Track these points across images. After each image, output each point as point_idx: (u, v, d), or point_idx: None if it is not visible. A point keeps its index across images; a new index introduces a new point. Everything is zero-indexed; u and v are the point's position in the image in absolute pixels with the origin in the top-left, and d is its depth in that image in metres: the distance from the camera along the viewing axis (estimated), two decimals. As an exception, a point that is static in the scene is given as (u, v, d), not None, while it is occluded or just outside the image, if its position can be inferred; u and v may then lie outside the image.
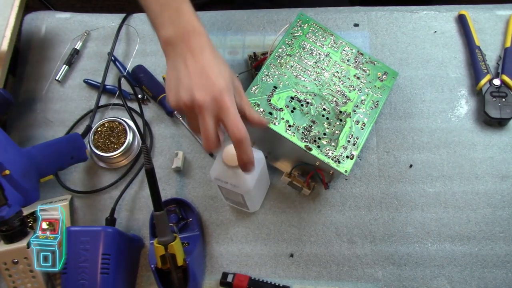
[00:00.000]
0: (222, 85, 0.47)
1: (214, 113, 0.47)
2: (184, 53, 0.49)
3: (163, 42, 0.51)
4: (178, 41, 0.49)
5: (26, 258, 0.54)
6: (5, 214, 0.52)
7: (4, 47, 0.71)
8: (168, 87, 0.50)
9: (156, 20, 0.51)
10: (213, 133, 0.47)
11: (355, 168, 0.66)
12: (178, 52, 0.49)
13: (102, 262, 0.54)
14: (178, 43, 0.49)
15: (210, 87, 0.47)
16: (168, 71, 0.50)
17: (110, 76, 0.74)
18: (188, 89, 0.47)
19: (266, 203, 0.65)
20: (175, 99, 0.48)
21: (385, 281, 0.60)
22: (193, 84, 0.47)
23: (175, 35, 0.49)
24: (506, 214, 0.63)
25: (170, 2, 0.51)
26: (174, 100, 0.49)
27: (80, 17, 0.78)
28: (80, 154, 0.64)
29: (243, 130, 0.47)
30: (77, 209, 0.66)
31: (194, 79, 0.47)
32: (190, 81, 0.47)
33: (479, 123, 0.67)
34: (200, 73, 0.48)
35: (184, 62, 0.48)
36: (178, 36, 0.49)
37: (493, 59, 0.70)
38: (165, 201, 0.63)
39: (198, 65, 0.48)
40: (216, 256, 0.63)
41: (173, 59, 0.50)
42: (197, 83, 0.47)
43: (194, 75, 0.48)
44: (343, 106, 0.61)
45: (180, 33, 0.49)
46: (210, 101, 0.46)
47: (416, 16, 0.75)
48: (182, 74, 0.48)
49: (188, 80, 0.48)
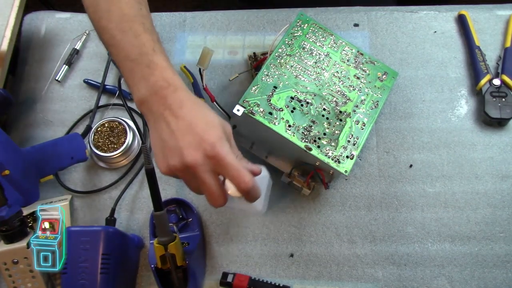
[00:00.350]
0: (212, 138, 0.44)
1: (211, 168, 0.44)
2: (162, 112, 0.45)
3: (137, 102, 0.47)
4: (153, 100, 0.45)
5: (26, 258, 0.54)
6: (5, 214, 0.52)
7: (4, 47, 0.71)
8: (155, 153, 0.46)
9: (128, 80, 0.48)
10: (217, 189, 0.44)
11: (355, 168, 0.66)
12: (156, 113, 0.45)
13: (102, 262, 0.54)
14: (153, 103, 0.45)
15: (199, 143, 0.43)
16: (151, 135, 0.47)
17: (110, 76, 0.74)
18: (176, 151, 0.43)
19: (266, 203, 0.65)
20: (165, 165, 0.45)
21: (385, 281, 0.60)
22: (180, 145, 0.43)
23: (149, 94, 0.46)
24: (506, 214, 0.63)
25: (142, 56, 0.46)
26: (164, 167, 0.45)
27: (80, 17, 0.78)
28: (80, 154, 0.64)
29: (248, 180, 0.44)
30: (77, 209, 0.66)
31: (179, 139, 0.44)
32: (176, 142, 0.44)
33: (479, 123, 0.67)
34: (185, 130, 0.44)
35: (165, 121, 0.45)
36: (152, 95, 0.45)
37: (493, 59, 0.71)
38: (165, 201, 0.63)
39: (181, 123, 0.44)
40: (216, 256, 0.63)
41: (153, 121, 0.46)
42: (184, 142, 0.43)
43: (178, 134, 0.44)
44: (343, 106, 0.61)
45: (154, 91, 0.45)
46: (203, 159, 0.43)
47: (416, 16, 0.75)
48: (166, 135, 0.44)
49: (173, 141, 0.44)
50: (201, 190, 0.46)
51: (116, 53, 0.49)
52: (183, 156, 0.43)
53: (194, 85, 0.71)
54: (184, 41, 0.76)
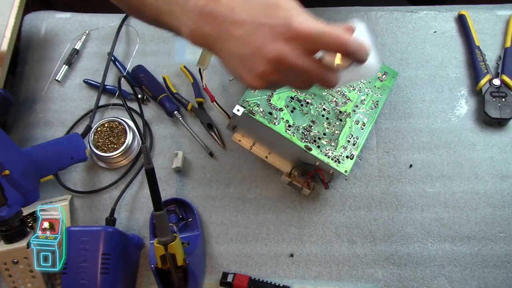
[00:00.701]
0: (280, 19, 0.38)
1: (302, 50, 0.38)
2: (218, 29, 0.40)
3: (191, 38, 0.42)
4: (203, 23, 0.41)
5: (26, 258, 0.54)
6: (5, 214, 0.52)
7: (4, 47, 0.71)
8: (240, 74, 0.41)
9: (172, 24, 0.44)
10: (319, 68, 0.39)
11: (355, 168, 0.66)
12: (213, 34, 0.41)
13: (102, 262, 0.54)
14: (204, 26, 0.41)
15: (272, 33, 0.38)
16: (223, 62, 0.42)
17: (110, 76, 0.74)
18: (256, 56, 0.39)
19: (266, 203, 0.65)
20: (255, 77, 0.40)
21: (385, 281, 0.60)
22: (255, 47, 0.38)
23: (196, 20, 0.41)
24: (506, 214, 0.63)
25: None
26: (256, 80, 0.40)
27: (80, 17, 0.78)
28: (80, 154, 0.64)
29: (348, 38, 0.38)
30: (77, 209, 0.66)
31: (251, 41, 0.39)
32: (250, 47, 0.39)
33: (479, 123, 0.67)
34: (251, 30, 0.39)
35: (227, 35, 0.40)
36: (199, 20, 0.41)
37: (493, 59, 0.70)
38: (165, 201, 0.63)
39: (242, 25, 0.39)
40: (216, 256, 0.63)
41: (215, 45, 0.41)
42: (258, 41, 0.38)
43: (247, 38, 0.39)
44: (343, 106, 0.61)
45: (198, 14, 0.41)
46: (287, 46, 0.38)
47: (416, 16, 0.75)
48: (236, 48, 0.40)
49: (246, 48, 0.39)
50: (307, 80, 0.41)
51: (149, 8, 0.45)
52: (265, 56, 0.38)
53: (194, 85, 0.71)
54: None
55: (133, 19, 0.77)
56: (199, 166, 0.68)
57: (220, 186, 0.66)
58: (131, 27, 0.77)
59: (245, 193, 0.66)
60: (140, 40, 0.76)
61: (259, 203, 0.65)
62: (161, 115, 0.71)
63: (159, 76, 0.73)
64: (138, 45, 0.75)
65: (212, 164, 0.68)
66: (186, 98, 0.71)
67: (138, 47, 0.75)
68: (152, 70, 0.73)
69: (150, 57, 0.75)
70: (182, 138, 0.69)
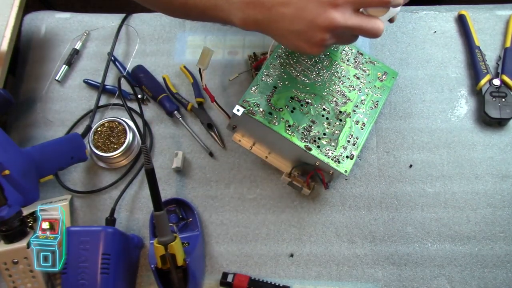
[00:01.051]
0: None
1: (350, 11, 0.43)
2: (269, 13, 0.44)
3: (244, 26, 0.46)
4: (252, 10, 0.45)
5: (26, 258, 0.54)
6: (5, 214, 0.52)
7: (4, 47, 0.71)
8: (301, 47, 0.45)
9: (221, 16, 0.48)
10: (368, 22, 0.44)
11: (355, 168, 0.66)
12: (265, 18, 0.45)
13: (102, 262, 0.54)
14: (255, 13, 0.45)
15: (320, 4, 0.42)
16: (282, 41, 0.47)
17: (110, 76, 0.74)
18: (311, 28, 0.43)
19: (266, 203, 0.65)
20: (315, 45, 0.44)
21: (385, 281, 0.60)
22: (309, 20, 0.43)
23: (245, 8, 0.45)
24: (506, 214, 0.63)
25: None
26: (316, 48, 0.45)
27: (80, 17, 0.78)
28: (80, 154, 0.64)
29: None
30: (77, 209, 0.66)
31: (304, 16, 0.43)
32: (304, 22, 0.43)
33: (479, 123, 0.67)
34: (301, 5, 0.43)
35: (278, 16, 0.44)
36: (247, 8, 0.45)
37: (493, 59, 0.70)
38: (165, 201, 0.63)
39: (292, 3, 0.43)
40: (216, 256, 0.63)
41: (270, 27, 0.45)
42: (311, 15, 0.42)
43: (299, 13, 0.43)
44: (343, 106, 0.61)
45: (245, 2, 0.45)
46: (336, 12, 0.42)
47: (416, 16, 0.75)
48: (292, 25, 0.44)
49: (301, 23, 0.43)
50: (359, 34, 0.46)
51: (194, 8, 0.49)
52: (320, 26, 0.43)
53: (194, 85, 0.71)
54: (184, 41, 0.76)
55: (133, 19, 0.77)
56: (199, 166, 0.68)
57: (220, 186, 0.66)
58: (131, 27, 0.77)
59: (245, 193, 0.66)
60: (140, 40, 0.76)
61: (259, 203, 0.65)
62: (161, 115, 0.71)
63: (159, 76, 0.73)
64: (138, 45, 0.75)
65: (212, 164, 0.68)
66: (186, 98, 0.71)
67: (138, 47, 0.75)
68: (152, 70, 0.73)
69: (150, 57, 0.75)
70: (182, 138, 0.69)
